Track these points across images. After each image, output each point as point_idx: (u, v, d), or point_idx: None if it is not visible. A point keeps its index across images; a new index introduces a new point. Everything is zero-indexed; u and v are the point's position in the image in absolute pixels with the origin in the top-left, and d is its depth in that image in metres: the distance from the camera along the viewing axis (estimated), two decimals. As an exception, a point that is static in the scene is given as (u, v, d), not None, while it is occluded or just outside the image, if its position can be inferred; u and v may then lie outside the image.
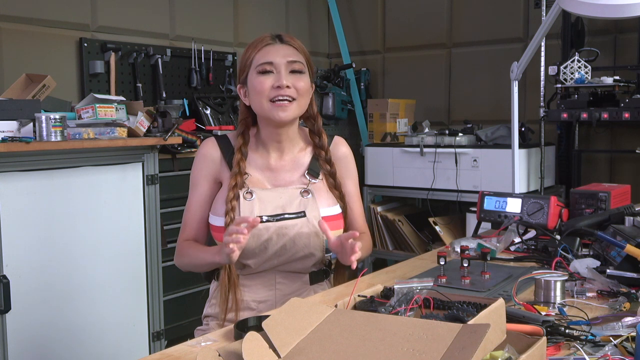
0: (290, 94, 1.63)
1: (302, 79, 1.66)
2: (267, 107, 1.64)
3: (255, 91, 1.64)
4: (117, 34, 3.56)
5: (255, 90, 1.64)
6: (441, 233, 3.95)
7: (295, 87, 1.64)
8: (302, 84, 1.66)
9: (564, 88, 3.50)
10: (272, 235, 1.62)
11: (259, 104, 1.65)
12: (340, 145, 1.82)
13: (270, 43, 1.66)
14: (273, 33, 1.70)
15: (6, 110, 2.46)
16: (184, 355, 1.18)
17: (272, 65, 1.64)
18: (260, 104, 1.65)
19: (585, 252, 1.80)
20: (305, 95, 1.68)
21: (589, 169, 3.97)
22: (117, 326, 2.78)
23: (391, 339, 1.00)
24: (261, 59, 1.64)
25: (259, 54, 1.65)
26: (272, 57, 1.64)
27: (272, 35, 1.68)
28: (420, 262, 1.88)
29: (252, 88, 1.66)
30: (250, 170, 1.70)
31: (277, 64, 1.63)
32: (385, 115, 4.37)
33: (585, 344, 1.15)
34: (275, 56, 1.64)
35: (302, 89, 1.65)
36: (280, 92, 1.62)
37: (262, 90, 1.63)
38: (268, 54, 1.64)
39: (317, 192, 1.70)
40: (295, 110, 1.66)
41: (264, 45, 1.66)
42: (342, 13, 4.81)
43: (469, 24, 4.40)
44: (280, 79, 1.62)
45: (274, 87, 1.62)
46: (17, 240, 2.39)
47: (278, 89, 1.62)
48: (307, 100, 1.70)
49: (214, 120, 3.79)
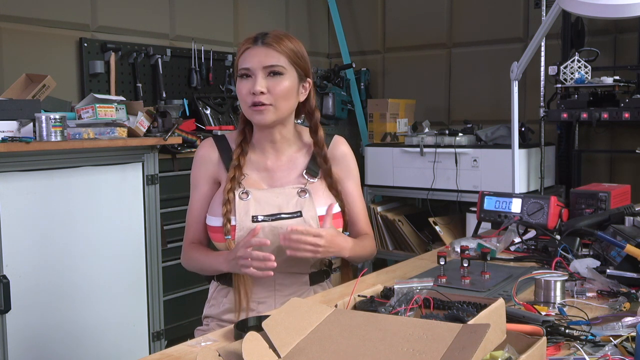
0: (263, 100, 1.63)
1: (280, 82, 1.64)
2: (247, 112, 1.67)
3: (238, 96, 1.68)
4: (117, 34, 3.56)
5: (238, 95, 1.68)
6: (441, 233, 3.95)
7: (271, 91, 1.63)
8: (280, 87, 1.64)
9: (564, 88, 3.50)
10: (267, 235, 1.62)
11: (243, 108, 1.68)
12: (340, 144, 1.81)
13: (249, 47, 1.65)
14: (259, 33, 1.68)
15: (6, 110, 2.46)
16: (184, 355, 1.18)
17: (249, 70, 1.64)
18: (243, 109, 1.68)
19: (585, 252, 1.80)
20: (286, 97, 1.66)
21: (589, 169, 3.97)
22: (117, 326, 2.78)
23: (391, 339, 1.00)
24: (241, 63, 1.66)
25: (240, 58, 1.67)
26: (248, 63, 1.64)
27: (254, 37, 1.67)
28: (420, 262, 1.88)
29: (237, 92, 1.69)
30: (247, 171, 1.70)
31: (252, 69, 1.64)
32: (385, 115, 4.37)
33: (585, 344, 1.15)
34: (250, 61, 1.64)
35: (279, 92, 1.64)
36: (255, 99, 1.63)
37: (241, 96, 1.66)
38: (245, 59, 1.65)
39: (315, 191, 1.70)
40: (273, 114, 1.65)
41: (244, 49, 1.66)
42: (342, 13, 4.81)
43: (469, 24, 4.40)
44: (254, 84, 1.63)
45: (250, 93, 1.63)
46: (17, 240, 2.39)
47: (253, 95, 1.63)
48: (288, 102, 1.67)
49: (214, 120, 3.79)
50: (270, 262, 1.51)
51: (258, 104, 1.63)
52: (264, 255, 1.51)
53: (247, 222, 1.63)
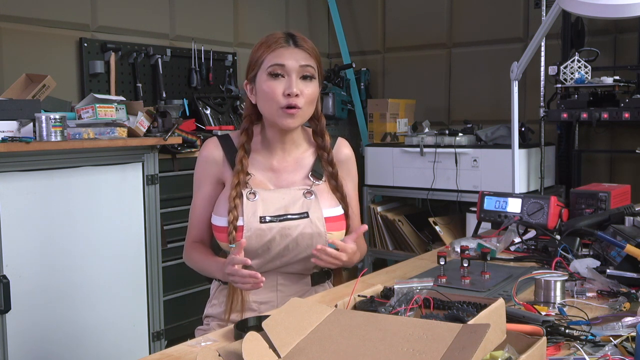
0: (298, 103, 1.61)
1: (311, 85, 1.64)
2: (276, 114, 1.62)
3: (265, 95, 1.62)
4: (117, 34, 3.56)
5: (265, 95, 1.62)
6: (441, 233, 3.95)
7: (303, 94, 1.62)
8: (310, 91, 1.63)
9: (564, 88, 3.50)
10: (275, 235, 1.62)
11: (269, 108, 1.64)
12: (343, 147, 1.82)
13: (284, 46, 1.62)
14: (286, 33, 1.66)
15: (6, 110, 2.46)
16: (184, 355, 1.18)
17: (283, 68, 1.61)
18: (269, 109, 1.64)
19: (585, 252, 1.80)
20: (312, 101, 1.66)
21: (589, 169, 3.97)
22: (117, 326, 2.78)
23: (391, 339, 1.00)
24: (273, 59, 1.61)
25: (271, 55, 1.62)
26: (285, 60, 1.61)
27: (285, 37, 1.64)
28: (420, 262, 1.88)
29: (261, 91, 1.64)
30: (253, 171, 1.70)
31: (289, 67, 1.61)
32: (385, 115, 4.37)
33: (585, 344, 1.15)
34: (288, 59, 1.61)
35: (310, 95, 1.63)
36: (290, 101, 1.60)
37: (273, 96, 1.61)
38: (281, 56, 1.61)
39: (320, 193, 1.70)
40: (301, 118, 1.65)
41: (277, 47, 1.62)
42: (342, 13, 4.81)
43: (469, 24, 4.40)
44: (291, 85, 1.60)
45: (285, 95, 1.60)
46: (17, 240, 2.39)
47: (288, 96, 1.60)
48: (313, 106, 1.68)
49: (214, 120, 3.79)
50: (257, 279, 1.50)
51: (293, 107, 1.61)
52: (249, 273, 1.50)
53: (255, 222, 1.63)
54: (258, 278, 1.50)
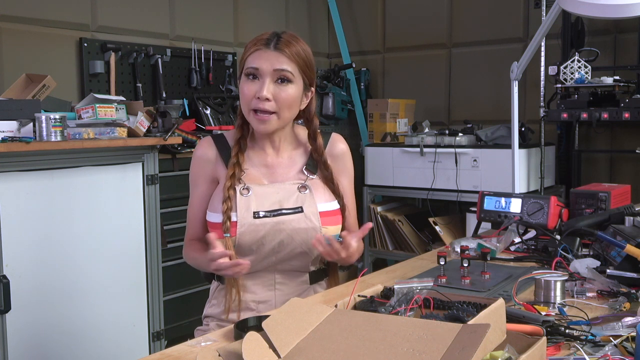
0: (268, 108, 1.61)
1: (287, 89, 1.62)
2: (249, 116, 1.65)
3: (241, 96, 1.66)
4: (117, 34, 3.56)
5: (240, 95, 1.66)
6: (441, 233, 3.95)
7: (277, 98, 1.61)
8: (285, 95, 1.62)
9: (564, 88, 3.50)
10: (269, 230, 1.62)
11: (244, 109, 1.66)
12: (338, 142, 1.81)
13: (260, 49, 1.62)
14: (273, 33, 1.65)
15: (6, 110, 2.46)
16: (184, 355, 1.18)
17: (257, 71, 1.62)
18: (244, 110, 1.66)
19: (585, 252, 1.80)
20: (290, 106, 1.64)
21: (589, 169, 3.97)
22: (117, 326, 2.78)
23: (391, 339, 1.00)
24: (250, 61, 1.63)
25: (250, 57, 1.63)
26: (258, 63, 1.61)
27: (268, 38, 1.64)
28: (420, 262, 1.88)
29: (239, 91, 1.66)
30: (247, 167, 1.70)
31: (262, 70, 1.61)
32: (385, 115, 4.37)
33: (585, 344, 1.15)
34: (263, 62, 1.61)
35: (284, 100, 1.62)
36: (260, 105, 1.61)
37: (244, 96, 1.63)
38: (255, 59, 1.62)
39: (315, 187, 1.70)
40: (275, 123, 1.64)
41: (256, 49, 1.63)
42: (342, 13, 4.81)
43: (469, 24, 4.40)
44: (261, 88, 1.60)
45: (255, 97, 1.61)
46: (17, 240, 2.39)
47: (258, 99, 1.61)
48: (291, 110, 1.66)
49: (214, 120, 3.79)
50: (241, 266, 1.53)
51: (261, 112, 1.61)
52: (231, 263, 1.52)
53: (249, 218, 1.63)
54: (241, 264, 1.53)
